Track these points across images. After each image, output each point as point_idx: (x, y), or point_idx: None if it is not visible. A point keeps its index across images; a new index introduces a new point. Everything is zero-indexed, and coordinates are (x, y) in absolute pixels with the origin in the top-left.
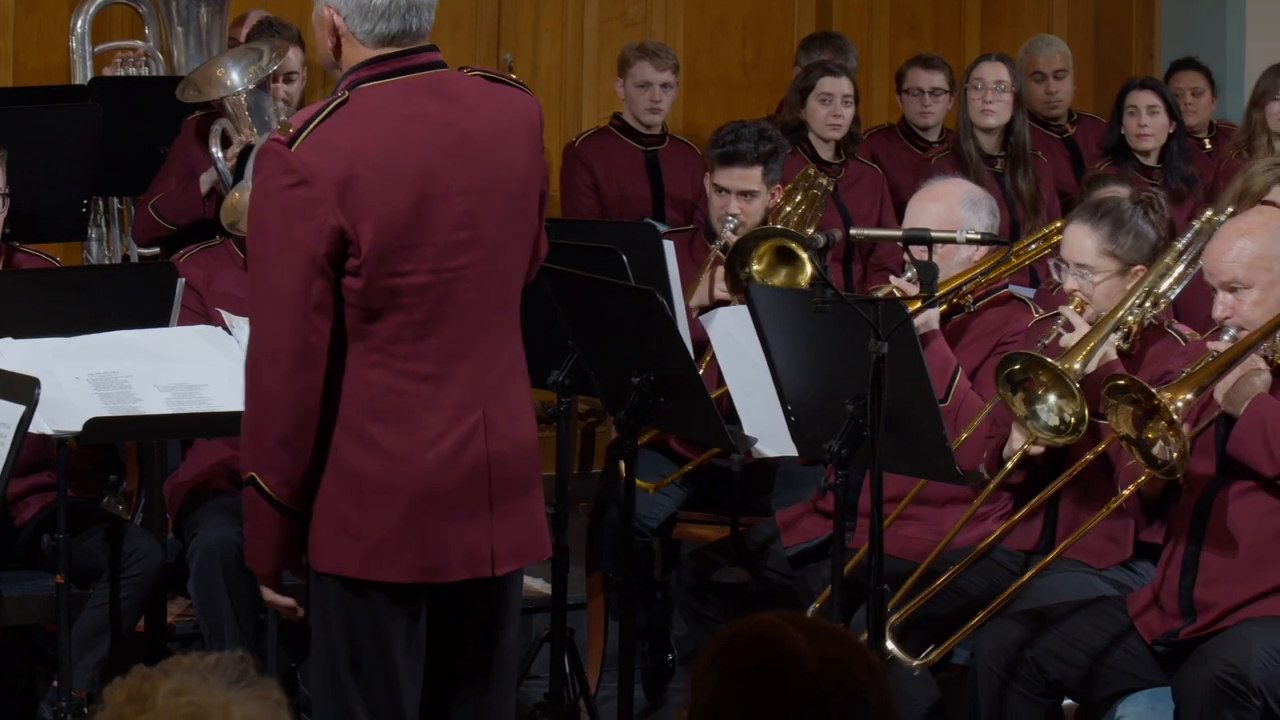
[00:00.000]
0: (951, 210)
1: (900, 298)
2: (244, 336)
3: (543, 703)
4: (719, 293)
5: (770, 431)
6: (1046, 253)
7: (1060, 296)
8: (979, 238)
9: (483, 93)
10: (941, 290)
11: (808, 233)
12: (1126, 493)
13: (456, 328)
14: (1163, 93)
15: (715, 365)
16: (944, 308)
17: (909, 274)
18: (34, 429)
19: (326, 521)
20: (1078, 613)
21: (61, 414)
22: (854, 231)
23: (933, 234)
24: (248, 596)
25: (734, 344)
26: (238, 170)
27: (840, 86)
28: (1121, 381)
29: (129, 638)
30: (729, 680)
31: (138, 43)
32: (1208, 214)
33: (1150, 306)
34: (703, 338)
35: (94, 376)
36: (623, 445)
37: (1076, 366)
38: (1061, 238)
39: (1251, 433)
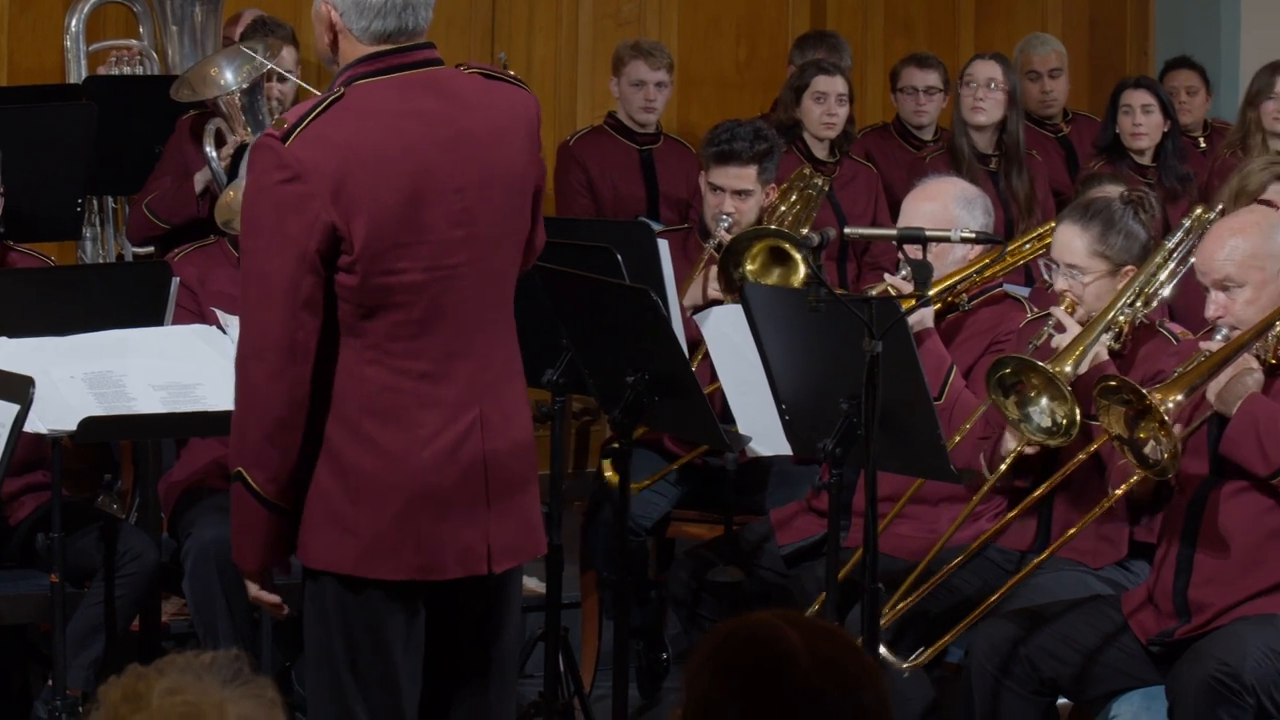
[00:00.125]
0: (946, 209)
1: (895, 296)
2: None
3: (537, 702)
4: (713, 292)
5: (765, 430)
6: (1041, 252)
7: (1055, 295)
8: (973, 236)
9: (480, 90)
10: (936, 289)
11: (802, 232)
12: (1119, 493)
13: (453, 326)
14: (1157, 91)
15: (707, 364)
16: (938, 306)
17: (903, 272)
18: (28, 428)
19: (322, 517)
20: (1072, 611)
21: (56, 413)
22: (848, 230)
23: (927, 233)
24: (242, 595)
25: (728, 343)
26: (232, 169)
27: (835, 85)
28: (1113, 382)
29: (124, 637)
30: (723, 679)
31: (132, 42)
32: (1198, 212)
33: (1141, 306)
34: (696, 336)
35: (88, 375)
36: (616, 444)
37: (1068, 369)
38: (1047, 244)
39: (1244, 432)
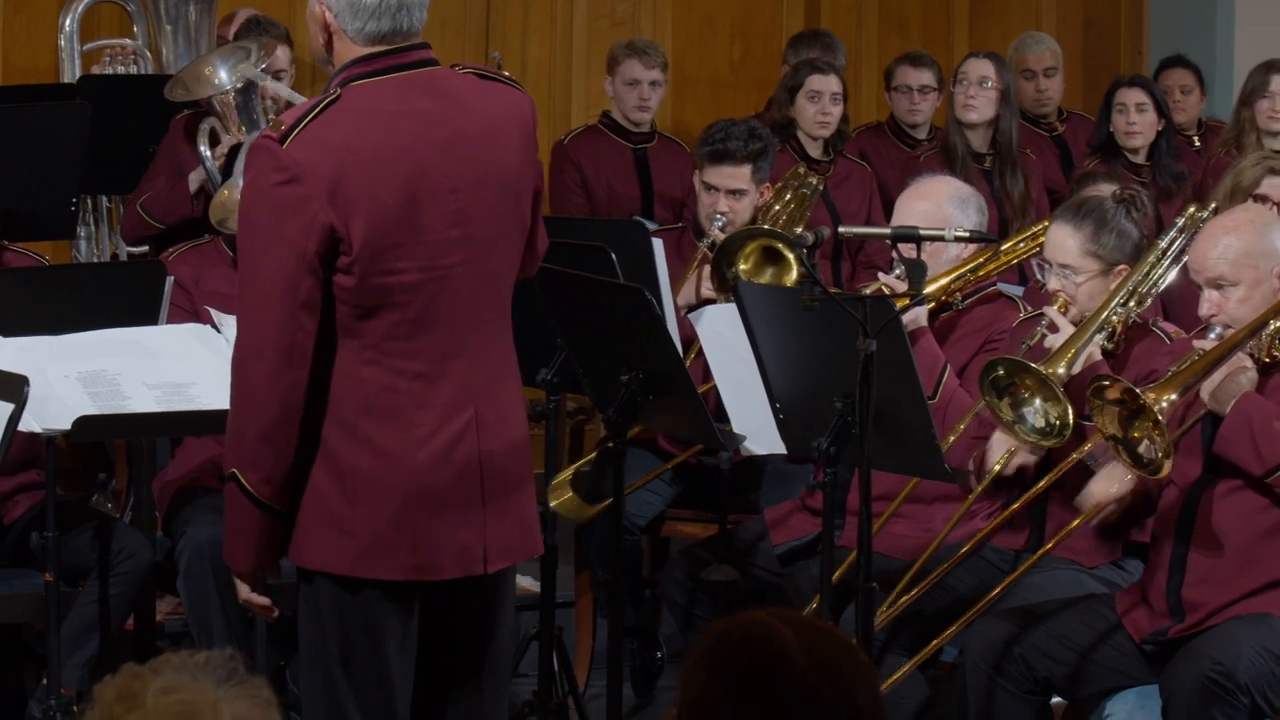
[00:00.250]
0: (939, 208)
1: (888, 295)
2: (232, 335)
3: (531, 701)
4: (706, 292)
5: (759, 429)
6: (1035, 250)
7: (1049, 294)
8: (967, 235)
9: (475, 90)
10: (930, 288)
11: (796, 231)
12: (1113, 492)
13: (449, 326)
14: (1151, 90)
15: (700, 363)
16: (932, 305)
17: (897, 271)
18: (23, 427)
19: (318, 518)
20: (1066, 610)
21: (50, 412)
22: (842, 229)
23: (921, 232)
24: (236, 595)
25: (723, 342)
26: (226, 169)
27: (829, 84)
28: (1106, 381)
29: (118, 636)
30: (718, 678)
31: (126, 41)
32: (1191, 210)
33: (1135, 305)
34: (689, 335)
35: (83, 375)
36: (610, 444)
37: (1061, 371)
38: (1040, 243)
39: (1238, 431)
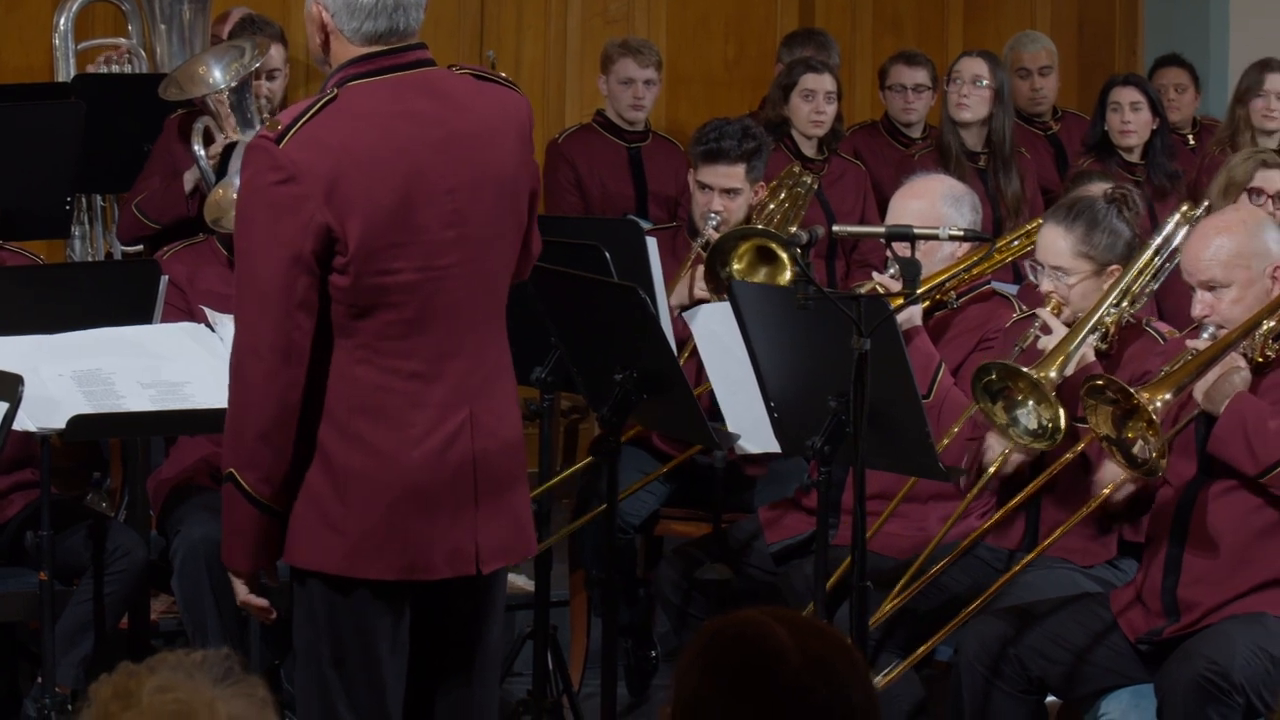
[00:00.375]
0: (933, 207)
1: (883, 294)
2: (227, 334)
3: (526, 700)
4: (699, 292)
5: (753, 428)
6: (1029, 248)
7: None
8: (961, 234)
9: (471, 91)
10: (924, 287)
11: (790, 230)
12: (1108, 491)
13: (444, 326)
14: (1146, 89)
15: (693, 363)
16: (927, 304)
17: (891, 271)
18: (17, 426)
19: (310, 516)
20: (1061, 609)
21: (45, 411)
22: (837, 228)
23: (916, 230)
24: (231, 594)
25: (717, 340)
26: (221, 168)
27: (823, 83)
28: (1100, 382)
29: (113, 634)
30: (712, 676)
31: (120, 40)
32: (1183, 209)
33: (1128, 305)
34: (682, 335)
35: (77, 374)
36: (605, 442)
37: (1052, 375)
38: (1035, 241)
39: (1232, 431)
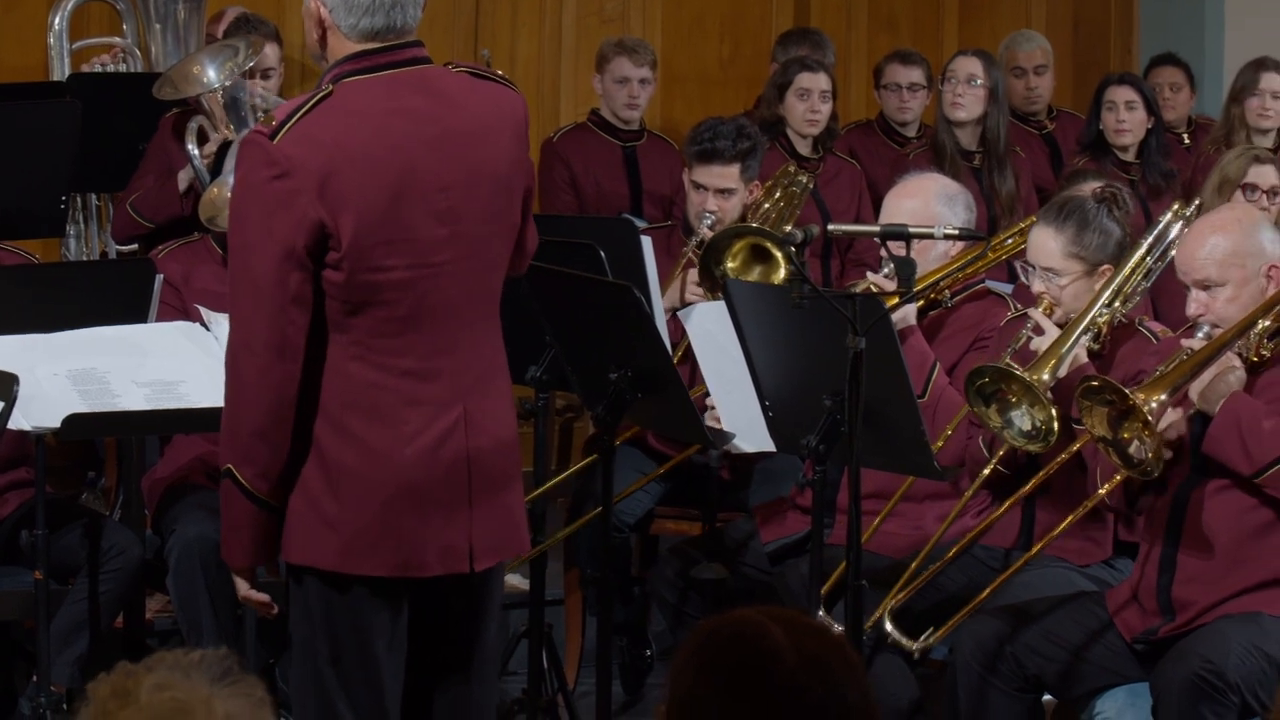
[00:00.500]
0: (927, 206)
1: (878, 293)
2: (222, 333)
3: (521, 698)
4: (690, 295)
5: (748, 427)
6: (1023, 247)
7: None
8: (956, 233)
9: (467, 89)
10: (919, 286)
11: (785, 229)
12: (1103, 491)
13: (438, 323)
14: (1141, 88)
15: (686, 364)
16: (921, 303)
17: (886, 270)
18: (12, 425)
19: (305, 512)
20: (1057, 608)
21: (40, 410)
22: (832, 227)
23: (910, 229)
24: (226, 592)
25: (712, 339)
26: (215, 167)
27: (818, 82)
28: (1095, 383)
29: (108, 633)
30: (707, 675)
31: (115, 39)
32: (1175, 207)
33: (1120, 305)
34: (675, 336)
35: (72, 373)
36: (600, 441)
37: (1045, 377)
38: (1026, 240)
39: (1227, 431)
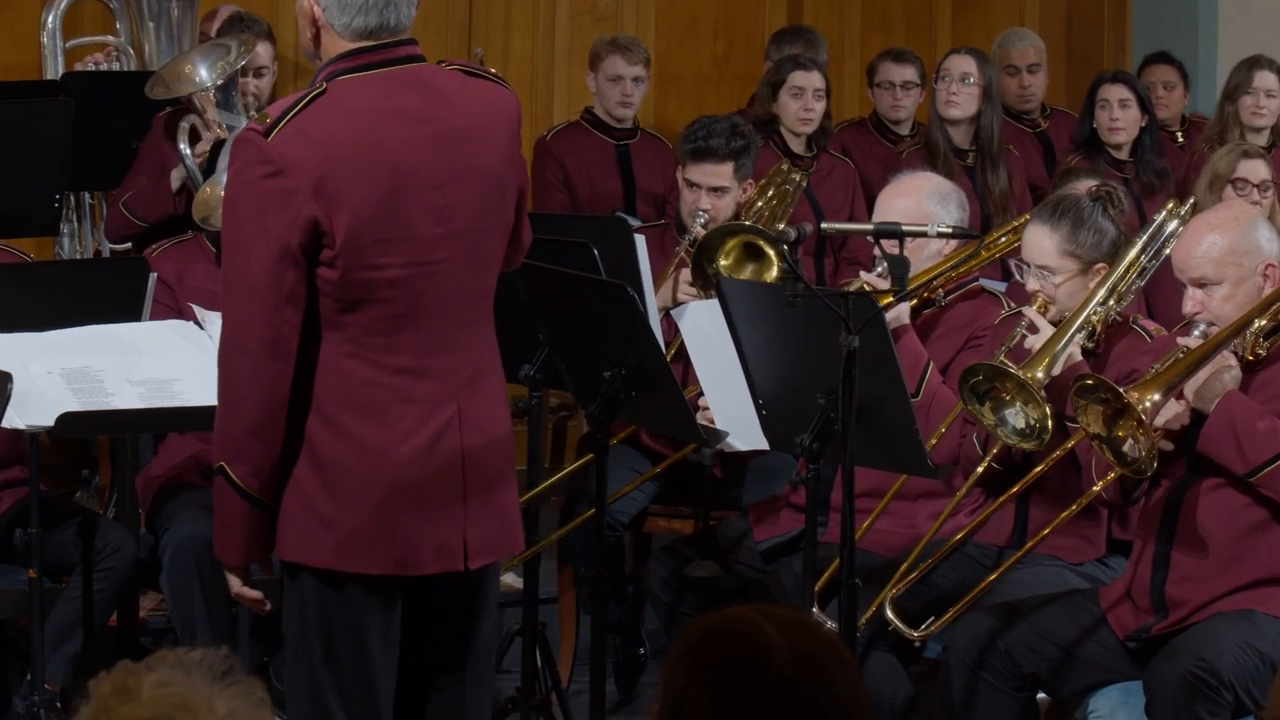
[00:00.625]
0: (920, 204)
1: (871, 292)
2: (216, 331)
3: (514, 697)
4: (682, 295)
5: (742, 425)
6: (1017, 245)
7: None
8: (950, 231)
9: (460, 87)
10: (912, 285)
11: (778, 227)
12: (1098, 488)
13: (432, 321)
14: (1134, 86)
15: (679, 363)
16: (915, 302)
17: (879, 269)
18: (6, 423)
19: (299, 511)
20: (1050, 605)
21: (34, 408)
22: (825, 225)
23: (904, 227)
24: (220, 591)
25: (705, 338)
26: (208, 166)
27: (811, 80)
28: (1089, 381)
29: (102, 632)
30: (700, 673)
31: (109, 38)
32: (1169, 206)
33: (1115, 303)
34: (668, 336)
35: (66, 371)
36: (594, 440)
37: (1039, 375)
38: (1021, 238)
39: (1222, 430)
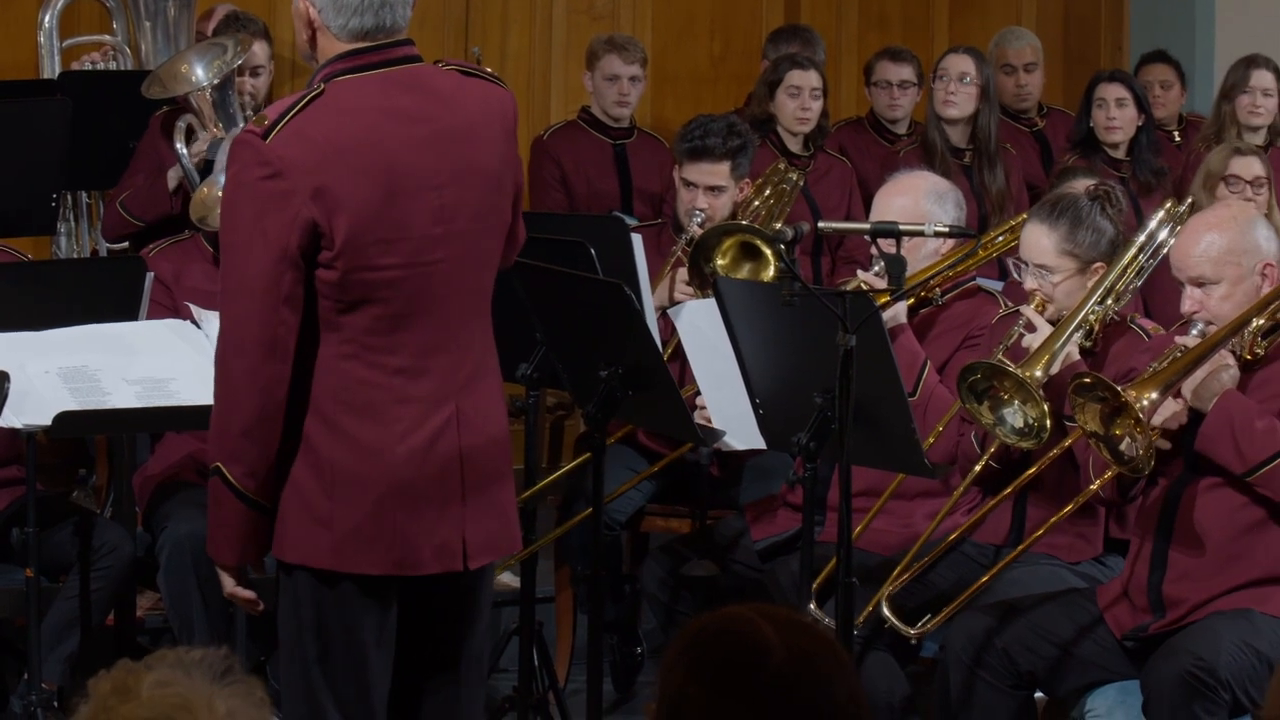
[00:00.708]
0: (917, 204)
1: (868, 291)
2: (213, 330)
3: (511, 696)
4: (679, 295)
5: (738, 425)
6: (1014, 244)
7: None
8: (947, 230)
9: (457, 87)
10: (909, 284)
11: (775, 226)
12: (1095, 486)
13: (430, 321)
14: (1131, 85)
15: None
16: (912, 301)
17: (876, 268)
18: (3, 423)
19: (298, 512)
20: (1048, 604)
21: (31, 408)
22: (822, 224)
23: (901, 227)
24: (217, 590)
25: (702, 337)
26: (205, 166)
27: (808, 80)
28: (1087, 379)
29: (99, 631)
30: (697, 672)
31: (105, 37)
32: (1167, 206)
33: (1112, 303)
34: (665, 335)
35: (63, 370)
36: (591, 439)
37: (1038, 374)
38: (1019, 237)
39: (1219, 429)
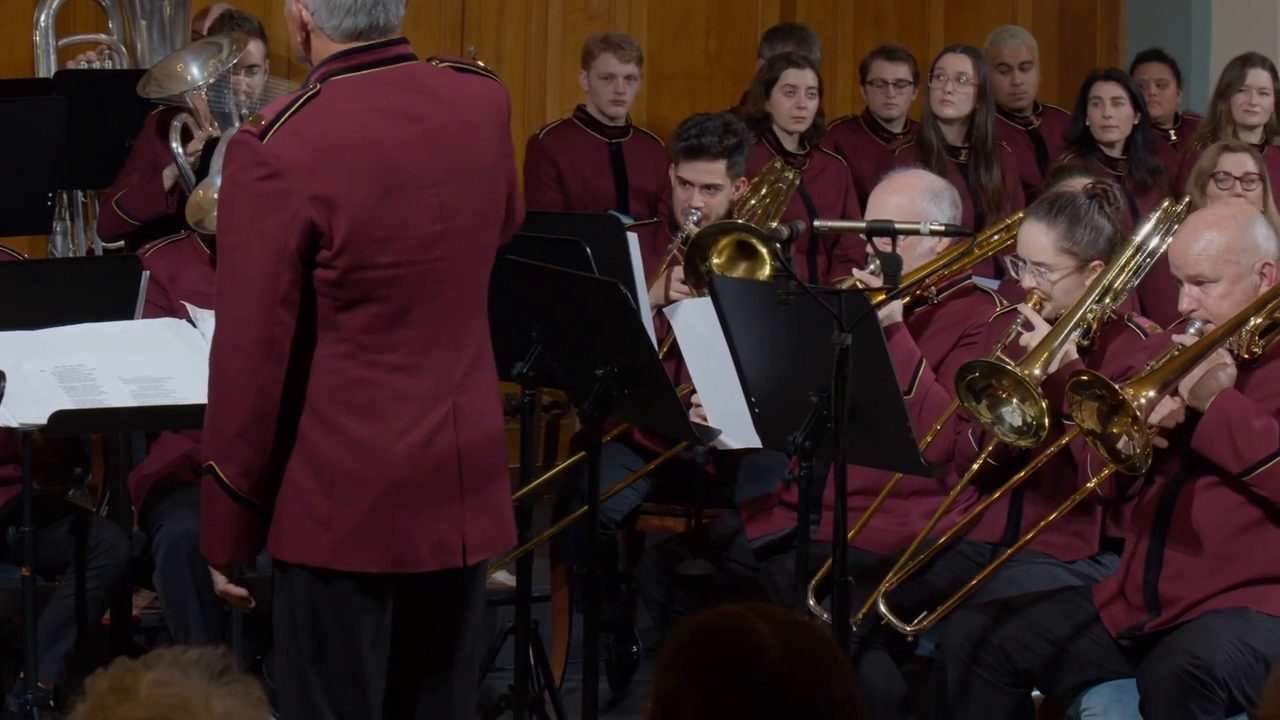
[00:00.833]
0: (913, 202)
1: (864, 289)
2: (209, 329)
3: (507, 695)
4: (675, 293)
5: (734, 423)
6: (1010, 243)
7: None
8: (943, 229)
9: (452, 84)
10: (905, 282)
11: (771, 225)
12: (1093, 484)
13: (428, 319)
14: (1127, 84)
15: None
16: (907, 299)
17: (872, 266)
18: None
19: (296, 510)
20: (1044, 602)
21: (27, 407)
22: (818, 223)
23: (897, 225)
24: (213, 589)
25: (697, 336)
26: (201, 165)
27: (804, 78)
28: (1085, 378)
29: (95, 630)
30: (692, 671)
31: (101, 36)
32: (1164, 205)
33: (1110, 301)
34: (661, 333)
35: (59, 369)
36: (587, 438)
37: (1036, 372)
38: (1017, 235)
39: (1216, 428)
